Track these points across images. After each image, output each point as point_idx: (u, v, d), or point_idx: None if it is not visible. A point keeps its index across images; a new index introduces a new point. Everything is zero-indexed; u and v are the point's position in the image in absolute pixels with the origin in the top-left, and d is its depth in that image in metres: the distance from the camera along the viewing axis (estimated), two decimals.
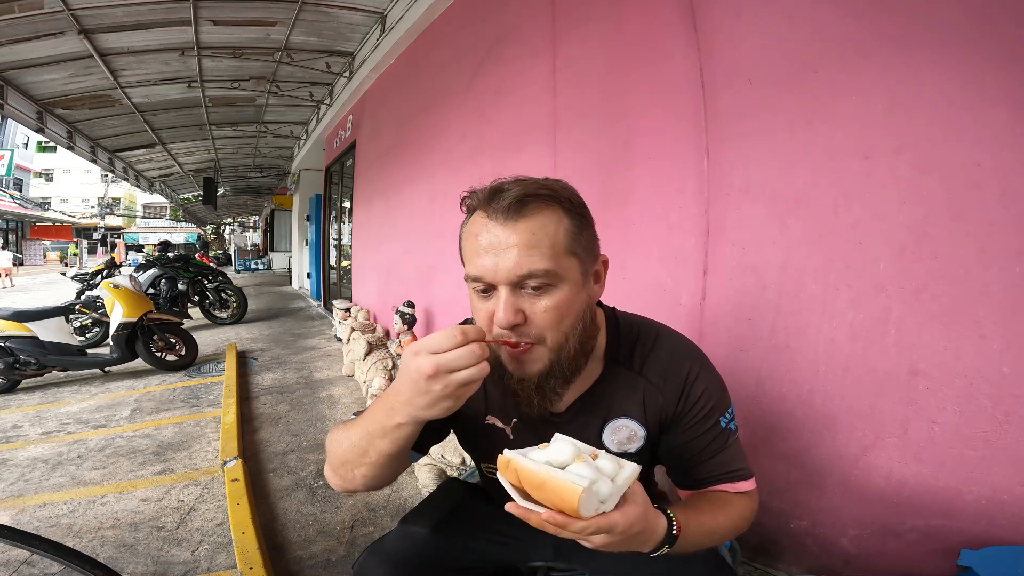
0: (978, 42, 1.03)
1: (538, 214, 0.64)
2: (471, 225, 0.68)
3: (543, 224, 0.64)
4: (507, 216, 0.63)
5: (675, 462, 0.80)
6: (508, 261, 0.62)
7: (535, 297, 0.64)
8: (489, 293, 0.66)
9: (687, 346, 0.80)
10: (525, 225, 0.63)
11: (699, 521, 0.67)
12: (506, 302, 0.63)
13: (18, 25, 3.65)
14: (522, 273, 0.62)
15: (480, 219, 0.66)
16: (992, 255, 1.02)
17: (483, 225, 0.65)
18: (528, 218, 0.63)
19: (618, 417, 0.78)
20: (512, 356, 0.67)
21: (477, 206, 0.67)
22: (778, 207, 1.37)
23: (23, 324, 3.54)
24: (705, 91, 1.54)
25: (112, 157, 7.73)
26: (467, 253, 0.68)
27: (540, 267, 0.63)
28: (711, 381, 0.77)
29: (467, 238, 0.68)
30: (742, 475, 0.76)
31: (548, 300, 0.65)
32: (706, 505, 0.73)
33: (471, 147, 2.92)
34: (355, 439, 0.67)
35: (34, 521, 1.86)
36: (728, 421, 0.77)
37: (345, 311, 4.92)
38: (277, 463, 2.35)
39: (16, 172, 23.94)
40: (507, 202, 0.63)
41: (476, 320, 0.70)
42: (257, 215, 25.88)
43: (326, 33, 4.49)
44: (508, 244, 0.63)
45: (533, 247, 0.63)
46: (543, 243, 0.63)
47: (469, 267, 0.67)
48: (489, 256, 0.63)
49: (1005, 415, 1.01)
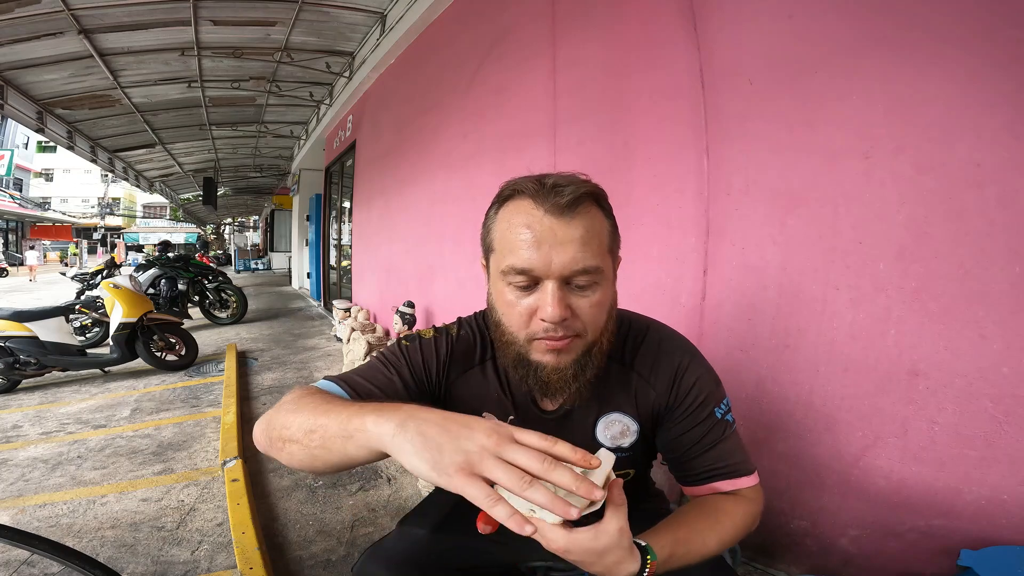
0: (978, 43, 1.03)
1: (588, 212, 0.65)
2: (515, 214, 0.65)
3: (593, 222, 0.65)
4: (563, 211, 0.62)
5: (673, 457, 0.79)
6: (565, 256, 0.62)
7: (582, 293, 0.65)
8: (531, 289, 0.65)
9: (676, 339, 0.80)
10: (580, 221, 0.63)
11: (687, 549, 0.64)
12: (557, 296, 0.63)
13: (18, 25, 3.64)
14: (578, 268, 0.62)
15: (531, 211, 0.64)
16: (992, 255, 1.02)
17: (536, 218, 0.63)
18: (582, 215, 0.64)
19: (611, 412, 0.78)
20: (551, 349, 0.66)
21: (524, 196, 0.65)
22: (778, 207, 1.37)
23: (23, 324, 3.54)
24: (705, 91, 1.54)
25: (112, 157, 7.73)
26: (507, 244, 0.65)
27: (593, 263, 0.63)
28: (702, 372, 0.76)
29: (509, 228, 0.65)
30: (742, 470, 0.75)
31: (594, 296, 0.65)
32: (695, 518, 0.70)
33: (471, 147, 2.92)
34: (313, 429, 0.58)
35: (34, 521, 1.86)
36: (724, 412, 0.76)
37: (345, 311, 4.92)
38: (277, 463, 2.34)
39: (16, 172, 23.93)
40: (567, 199, 0.62)
41: (506, 315, 0.68)
42: (257, 215, 25.89)
43: (326, 33, 4.49)
44: (565, 239, 0.62)
45: (587, 244, 0.63)
46: (594, 241, 0.64)
47: (512, 259, 0.64)
48: (542, 249, 0.62)
49: (1005, 415, 1.01)
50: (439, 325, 0.85)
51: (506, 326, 0.69)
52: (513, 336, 0.68)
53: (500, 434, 0.48)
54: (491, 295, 0.72)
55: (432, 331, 0.83)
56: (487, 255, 0.72)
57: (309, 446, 0.58)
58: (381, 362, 0.78)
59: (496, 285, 0.69)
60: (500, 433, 0.48)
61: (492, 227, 0.69)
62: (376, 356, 0.81)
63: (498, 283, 0.68)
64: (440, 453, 0.48)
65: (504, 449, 0.47)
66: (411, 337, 0.82)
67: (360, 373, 0.76)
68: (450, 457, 0.47)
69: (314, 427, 0.58)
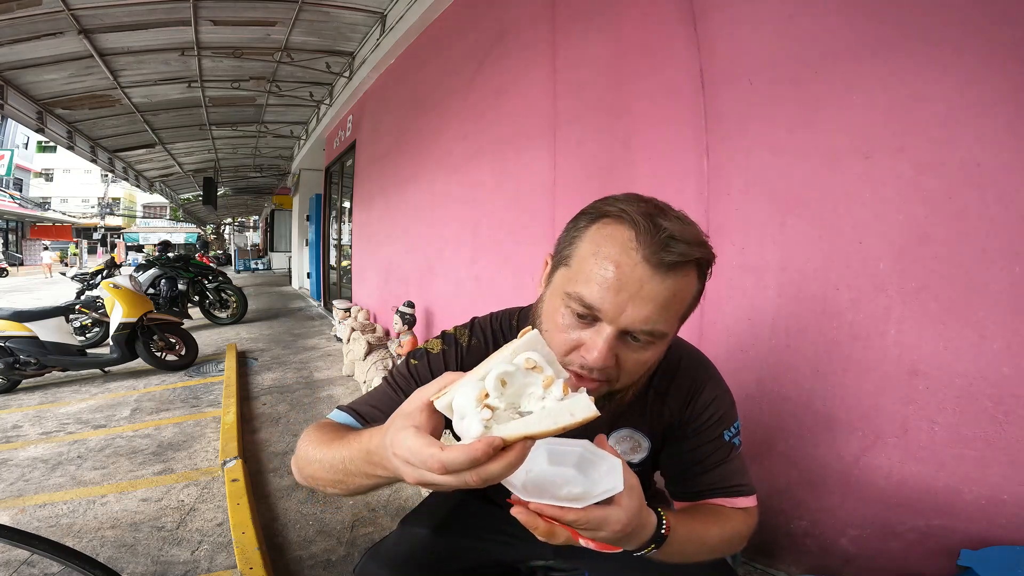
0: (977, 43, 1.03)
1: (685, 275, 0.59)
2: (607, 244, 0.59)
3: (684, 287, 0.59)
4: (660, 268, 0.56)
5: (674, 472, 0.79)
6: (640, 312, 0.57)
7: (633, 347, 0.60)
8: (588, 321, 0.60)
9: (697, 357, 0.79)
10: (673, 284, 0.57)
11: (690, 527, 0.64)
12: (608, 346, 0.58)
13: (18, 25, 3.64)
14: (646, 329, 0.58)
15: (628, 249, 0.57)
16: (992, 255, 1.02)
17: (631, 260, 0.57)
18: (677, 276, 0.58)
19: (623, 427, 0.78)
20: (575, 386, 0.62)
21: (626, 226, 0.58)
22: (778, 207, 1.37)
23: (23, 324, 3.54)
24: (705, 91, 1.54)
25: (112, 157, 7.73)
26: (585, 270, 0.59)
27: (661, 329, 0.59)
28: (719, 393, 0.76)
29: (595, 255, 0.59)
30: (742, 491, 0.74)
31: (645, 355, 0.61)
32: (699, 515, 0.71)
33: (471, 147, 2.92)
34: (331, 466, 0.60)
35: (34, 521, 1.86)
36: (732, 436, 0.76)
37: (345, 311, 4.92)
38: (277, 463, 2.35)
39: (16, 172, 23.91)
40: (672, 259, 0.56)
41: (549, 334, 0.63)
42: (257, 215, 25.89)
43: (326, 33, 4.49)
44: (649, 297, 0.57)
45: (667, 308, 0.58)
46: (675, 307, 0.59)
47: (583, 289, 0.59)
48: (620, 296, 0.57)
49: (1005, 415, 1.01)
50: (449, 330, 0.81)
51: (543, 334, 0.64)
52: None
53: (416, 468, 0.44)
54: (543, 302, 0.67)
55: (440, 343, 0.79)
56: (557, 264, 0.65)
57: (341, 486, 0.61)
58: (390, 385, 0.76)
59: (553, 300, 0.64)
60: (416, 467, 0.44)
61: (577, 241, 0.62)
62: (385, 378, 0.79)
63: (556, 299, 0.63)
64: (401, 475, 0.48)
65: (427, 481, 0.45)
66: (418, 354, 0.79)
67: (369, 400, 0.75)
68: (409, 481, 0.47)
69: (336, 470, 0.60)
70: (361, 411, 0.73)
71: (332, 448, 0.61)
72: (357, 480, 0.58)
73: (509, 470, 0.42)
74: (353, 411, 0.73)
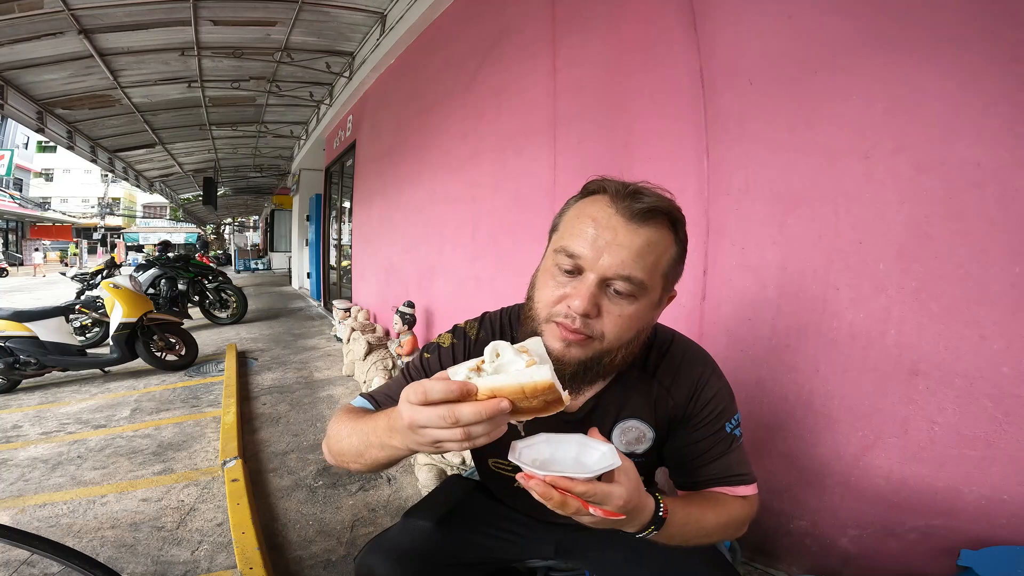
0: (977, 43, 1.03)
1: (657, 227, 0.66)
2: (589, 206, 0.68)
3: (658, 239, 0.66)
4: (633, 217, 0.64)
5: (677, 462, 0.81)
6: (615, 257, 0.64)
7: (615, 300, 0.66)
8: (573, 275, 0.66)
9: (699, 352, 0.82)
10: (646, 233, 0.65)
11: (687, 511, 0.67)
12: (590, 292, 0.64)
13: (18, 25, 3.64)
14: (622, 274, 0.64)
15: (604, 206, 0.66)
16: (992, 255, 1.02)
17: (607, 213, 0.66)
18: (651, 228, 0.65)
19: (628, 418, 0.79)
20: (563, 338, 0.66)
21: (604, 193, 0.68)
22: (778, 207, 1.37)
23: (23, 324, 3.54)
24: (705, 92, 1.54)
25: (112, 157, 7.73)
26: (570, 228, 0.68)
27: (638, 276, 0.64)
28: (721, 387, 0.79)
29: (578, 216, 0.68)
30: (743, 480, 0.77)
31: (626, 308, 0.66)
32: (698, 499, 0.74)
33: (471, 147, 2.92)
34: (355, 442, 0.68)
35: (34, 521, 1.86)
36: (733, 427, 0.78)
37: (345, 311, 4.92)
38: (277, 463, 2.35)
39: (16, 172, 23.91)
40: (641, 207, 0.64)
41: (539, 290, 0.70)
42: (257, 215, 25.88)
43: (326, 33, 4.49)
44: (623, 243, 0.64)
45: (642, 256, 0.64)
46: (651, 256, 0.65)
47: (568, 241, 0.67)
48: (597, 244, 0.64)
49: (1005, 415, 1.01)
50: (460, 324, 0.87)
51: (536, 302, 0.70)
52: (537, 312, 0.70)
53: (410, 405, 0.53)
54: (537, 272, 0.73)
55: (451, 337, 0.85)
56: (551, 234, 0.74)
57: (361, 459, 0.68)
58: (404, 376, 0.83)
59: (546, 262, 0.71)
60: (410, 404, 0.53)
61: (565, 211, 0.72)
62: (402, 370, 0.85)
63: (548, 260, 0.70)
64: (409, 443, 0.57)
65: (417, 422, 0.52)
66: (431, 348, 0.85)
67: (386, 389, 0.82)
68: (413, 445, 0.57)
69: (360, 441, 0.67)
70: (377, 398, 0.80)
71: (358, 423, 0.69)
72: (374, 452, 0.64)
73: (478, 417, 0.48)
74: (371, 398, 0.81)
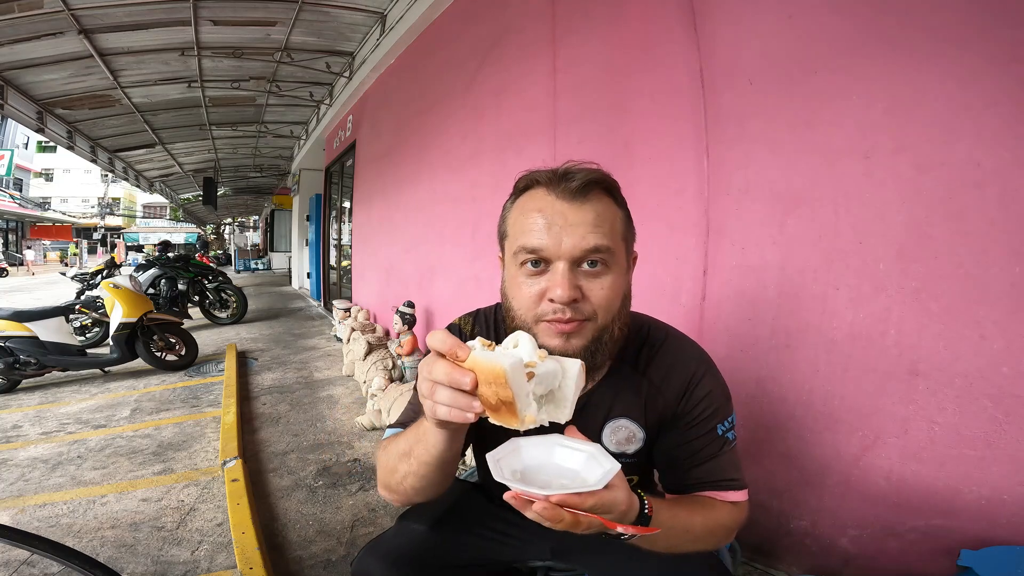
0: (978, 42, 1.03)
1: (599, 199, 0.68)
2: (528, 201, 0.69)
3: (604, 209, 0.67)
4: (574, 196, 0.66)
5: (666, 463, 0.79)
6: (574, 236, 0.64)
7: (592, 276, 0.66)
8: (541, 269, 0.66)
9: (694, 349, 0.80)
10: (591, 206, 0.66)
11: (673, 513, 0.65)
12: (566, 277, 0.64)
13: (18, 25, 3.64)
14: (588, 247, 0.64)
15: (543, 196, 0.67)
16: (992, 255, 1.02)
17: (548, 201, 0.66)
18: (593, 201, 0.67)
19: (618, 417, 0.78)
20: (559, 332, 0.66)
21: (538, 185, 0.69)
22: (778, 207, 1.37)
23: (23, 324, 3.54)
24: (705, 92, 1.54)
25: (112, 157, 7.73)
26: (520, 228, 0.68)
27: (604, 243, 0.65)
28: (715, 386, 0.76)
29: (522, 213, 0.69)
30: (733, 486, 0.74)
31: (605, 279, 0.66)
32: (684, 503, 0.72)
33: (471, 147, 2.92)
34: (401, 443, 0.69)
35: (34, 521, 1.86)
36: (726, 430, 0.75)
37: (345, 311, 4.92)
38: (277, 463, 2.35)
39: (16, 172, 23.93)
40: (576, 184, 0.65)
41: (516, 299, 0.69)
42: (257, 215, 25.87)
43: (326, 33, 4.49)
44: (576, 221, 0.64)
45: (598, 226, 0.65)
46: (605, 224, 0.66)
47: (524, 239, 0.66)
48: (552, 231, 0.64)
49: (1005, 415, 1.01)
50: (454, 321, 0.87)
51: (516, 310, 0.69)
52: (522, 319, 0.68)
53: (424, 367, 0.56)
54: (504, 283, 0.73)
55: None
56: (502, 243, 0.74)
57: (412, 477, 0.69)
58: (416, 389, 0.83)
59: (509, 270, 0.71)
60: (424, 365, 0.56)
61: (507, 216, 0.72)
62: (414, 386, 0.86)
63: (511, 268, 0.70)
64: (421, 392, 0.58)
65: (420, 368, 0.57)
66: None
67: (407, 409, 0.83)
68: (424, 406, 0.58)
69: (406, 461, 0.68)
70: (401, 420, 0.81)
71: (397, 440, 0.71)
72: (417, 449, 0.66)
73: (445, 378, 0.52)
74: (399, 424, 0.81)
